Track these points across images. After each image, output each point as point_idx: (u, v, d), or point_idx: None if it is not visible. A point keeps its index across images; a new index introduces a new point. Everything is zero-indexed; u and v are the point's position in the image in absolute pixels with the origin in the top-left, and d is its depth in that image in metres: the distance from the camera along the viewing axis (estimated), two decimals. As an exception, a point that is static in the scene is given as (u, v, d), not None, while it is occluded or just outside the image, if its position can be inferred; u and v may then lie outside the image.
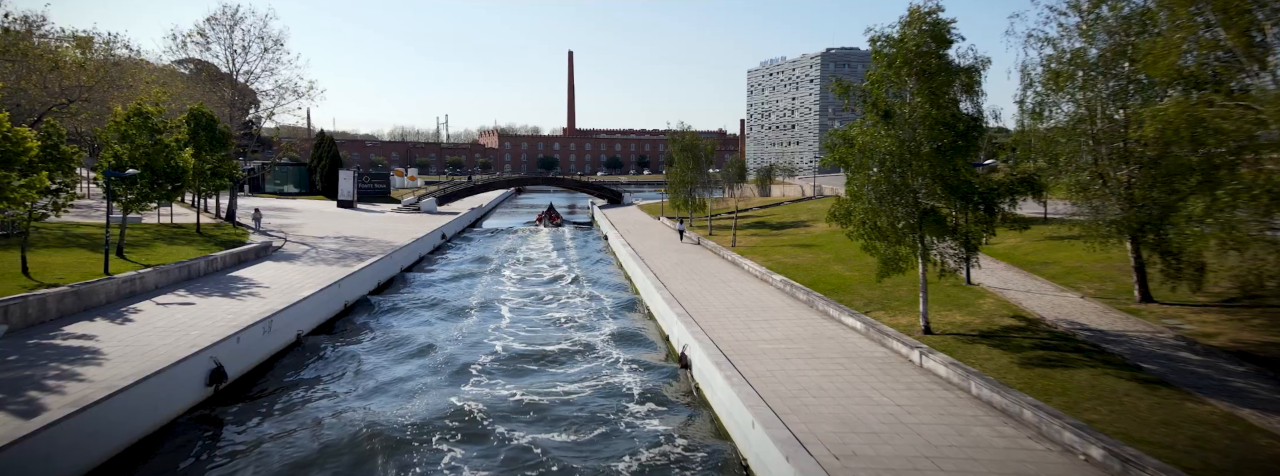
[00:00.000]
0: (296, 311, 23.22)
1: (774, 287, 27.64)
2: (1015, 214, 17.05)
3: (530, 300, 31.97)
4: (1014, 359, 15.82)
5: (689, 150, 54.20)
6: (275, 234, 43.45)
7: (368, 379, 19.88)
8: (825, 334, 19.80)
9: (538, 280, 37.80)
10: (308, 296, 24.58)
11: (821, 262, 31.03)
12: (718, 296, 26.23)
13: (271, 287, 26.49)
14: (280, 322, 21.55)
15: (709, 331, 20.37)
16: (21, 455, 11.29)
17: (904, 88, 18.23)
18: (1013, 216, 16.99)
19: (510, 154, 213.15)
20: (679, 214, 55.26)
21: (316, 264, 33.08)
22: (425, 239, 47.01)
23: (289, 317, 22.48)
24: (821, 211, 51.87)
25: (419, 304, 30.39)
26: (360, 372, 20.41)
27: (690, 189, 54.39)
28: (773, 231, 45.39)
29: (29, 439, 11.53)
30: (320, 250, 37.95)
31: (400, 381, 19.59)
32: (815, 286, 25.64)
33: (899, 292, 22.61)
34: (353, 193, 68.00)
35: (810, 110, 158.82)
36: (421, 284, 35.71)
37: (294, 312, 22.99)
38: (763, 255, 35.21)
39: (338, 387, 19.12)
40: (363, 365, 21.20)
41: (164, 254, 30.97)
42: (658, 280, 29.55)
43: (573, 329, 26.23)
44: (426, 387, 19.01)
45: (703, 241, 43.48)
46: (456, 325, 26.24)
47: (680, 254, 39.49)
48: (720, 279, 30.31)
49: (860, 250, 31.70)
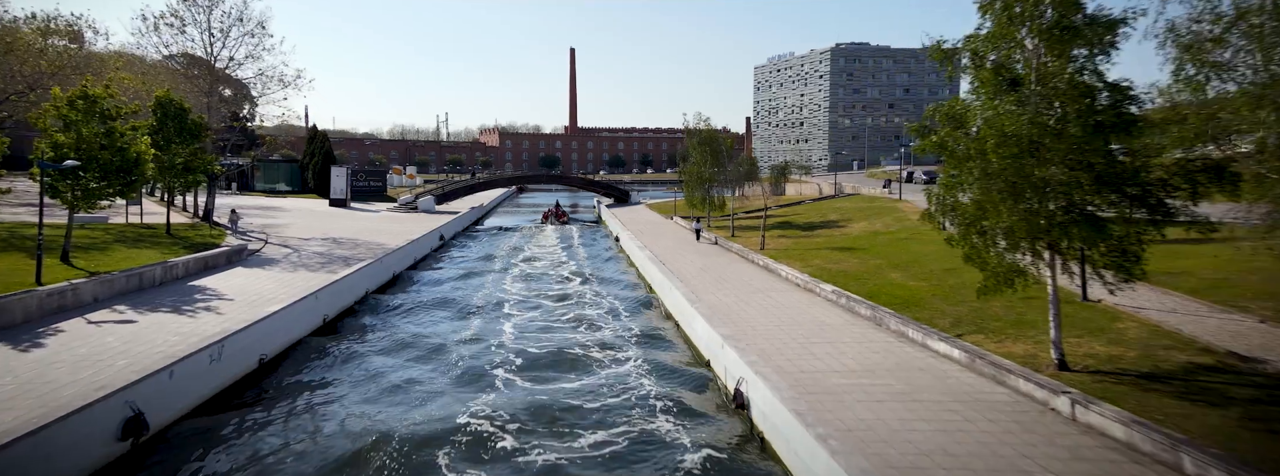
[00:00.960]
0: (261, 330, 19.26)
1: (825, 300, 23.64)
2: (1192, 212, 12.90)
3: (539, 315, 28.01)
4: (1229, 418, 11.36)
5: (707, 144, 50.27)
6: (255, 235, 39.48)
7: (337, 422, 15.90)
8: (913, 364, 15.81)
9: (546, 285, 33.85)
10: (277, 311, 20.60)
11: (873, 269, 27.03)
12: (760, 310, 22.25)
13: (236, 300, 22.50)
14: (236, 346, 17.57)
15: (766, 357, 16.40)
16: None
17: (1024, 50, 14.18)
18: (1190, 217, 12.87)
19: (511, 152, 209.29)
20: (695, 213, 51.26)
21: (296, 270, 29.11)
22: (421, 241, 43.06)
23: (250, 339, 18.52)
24: (852, 210, 48.02)
25: (410, 319, 26.40)
26: (330, 414, 16.40)
27: (708, 187, 50.48)
28: (802, 232, 41.41)
29: None
30: (303, 254, 33.98)
31: (379, 427, 15.59)
32: (875, 298, 21.66)
33: (991, 310, 18.61)
34: (346, 191, 64.03)
35: (820, 107, 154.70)
36: (415, 294, 31.68)
37: (257, 332, 19.03)
38: (799, 259, 31.23)
39: (299, 435, 15.14)
40: (334, 403, 17.22)
41: (119, 259, 27.00)
42: (687, 289, 25.56)
43: (595, 348, 22.27)
44: (417, 438, 15.02)
45: (724, 243, 39.51)
46: (452, 355, 21.62)
47: (703, 257, 35.52)
48: (756, 288, 26.33)
49: (916, 254, 27.80)
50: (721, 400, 17.43)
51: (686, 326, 23.67)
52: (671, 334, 24.46)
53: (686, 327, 23.63)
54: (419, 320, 26.41)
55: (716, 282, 27.51)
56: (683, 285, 26.68)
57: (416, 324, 25.67)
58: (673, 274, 29.42)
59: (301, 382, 18.80)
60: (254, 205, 59.20)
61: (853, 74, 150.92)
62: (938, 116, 15.62)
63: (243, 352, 17.99)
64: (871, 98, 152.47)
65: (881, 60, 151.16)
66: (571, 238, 55.32)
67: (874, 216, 42.43)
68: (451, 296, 30.77)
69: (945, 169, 15.83)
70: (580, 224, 67.90)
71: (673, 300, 26.64)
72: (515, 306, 28.84)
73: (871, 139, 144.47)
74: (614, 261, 43.29)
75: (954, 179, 15.40)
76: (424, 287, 33.28)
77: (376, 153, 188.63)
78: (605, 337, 23.68)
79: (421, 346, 22.40)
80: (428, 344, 22.70)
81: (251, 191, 75.40)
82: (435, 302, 29.39)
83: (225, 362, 16.80)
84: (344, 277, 27.35)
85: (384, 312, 27.52)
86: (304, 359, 20.94)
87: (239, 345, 17.71)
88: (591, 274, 35.49)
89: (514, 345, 22.58)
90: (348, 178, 64.48)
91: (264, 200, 65.99)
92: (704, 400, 17.51)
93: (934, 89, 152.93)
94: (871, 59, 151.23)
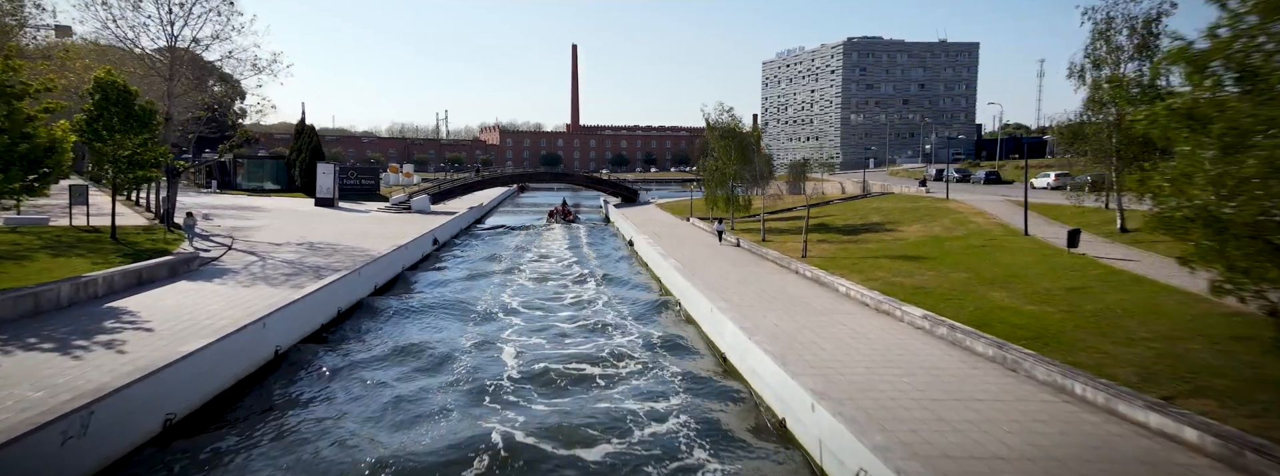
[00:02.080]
0: (174, 376, 14.14)
1: (914, 328, 18.50)
2: None
3: (548, 344, 22.90)
4: None
5: (731, 138, 45.12)
6: (219, 240, 34.37)
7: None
8: (1126, 452, 10.57)
9: (556, 307, 28.74)
10: (200, 348, 15.46)
11: (961, 286, 21.86)
12: (836, 343, 17.14)
13: (158, 329, 17.37)
14: (122, 407, 12.43)
15: (881, 425, 11.30)
16: None
17: None
18: None
19: (512, 151, 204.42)
20: (715, 214, 46.10)
21: (253, 284, 24.01)
22: (412, 246, 37.94)
23: (154, 389, 13.40)
24: (896, 211, 42.83)
25: (388, 349, 21.11)
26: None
27: (731, 185, 45.35)
28: (845, 237, 36.24)
29: None
30: (269, 263, 28.86)
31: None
32: (988, 329, 16.55)
33: (1194, 355, 13.40)
34: (333, 190, 58.88)
35: (831, 103, 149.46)
36: (397, 313, 26.45)
37: (168, 379, 13.92)
38: (855, 271, 26.11)
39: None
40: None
41: (35, 271, 21.93)
42: (735, 312, 20.43)
43: (630, 399, 17.16)
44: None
45: (755, 247, 34.39)
46: (437, 416, 15.88)
47: (736, 266, 30.41)
48: (817, 308, 21.21)
49: (1010, 267, 22.63)
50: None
51: (739, 361, 18.52)
52: (712, 364, 19.34)
53: (740, 363, 18.47)
54: (401, 355, 21.24)
55: (764, 300, 22.38)
56: (726, 304, 21.54)
57: (397, 360, 20.49)
58: (709, 288, 24.30)
59: (227, 447, 13.68)
60: (231, 205, 54.15)
61: (866, 69, 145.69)
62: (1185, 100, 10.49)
63: (137, 412, 12.83)
64: (885, 94, 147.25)
65: (896, 54, 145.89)
66: (579, 240, 50.16)
67: (927, 219, 37.28)
68: (441, 320, 25.60)
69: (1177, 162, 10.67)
70: (587, 225, 62.91)
71: (714, 324, 21.49)
72: (518, 334, 23.71)
73: (885, 136, 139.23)
74: (625, 262, 38.19)
75: (1183, 173, 10.24)
76: (410, 304, 28.17)
77: (374, 151, 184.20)
78: (644, 389, 18.53)
79: (401, 397, 17.18)
80: (408, 393, 17.46)
81: (235, 190, 70.35)
82: (421, 327, 24.21)
83: (96, 437, 11.63)
84: (309, 294, 22.22)
85: (357, 341, 22.37)
86: (240, 414, 15.79)
87: (129, 404, 12.56)
88: (612, 296, 29.39)
89: (516, 398, 17.44)
90: (335, 175, 59.30)
91: (245, 199, 60.95)
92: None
93: (950, 84, 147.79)
94: (885, 53, 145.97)
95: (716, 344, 20.96)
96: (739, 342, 18.50)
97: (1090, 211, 30.36)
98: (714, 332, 21.49)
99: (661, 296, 29.46)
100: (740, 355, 18.37)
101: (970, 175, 68.96)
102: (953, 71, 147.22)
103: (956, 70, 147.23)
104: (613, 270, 36.13)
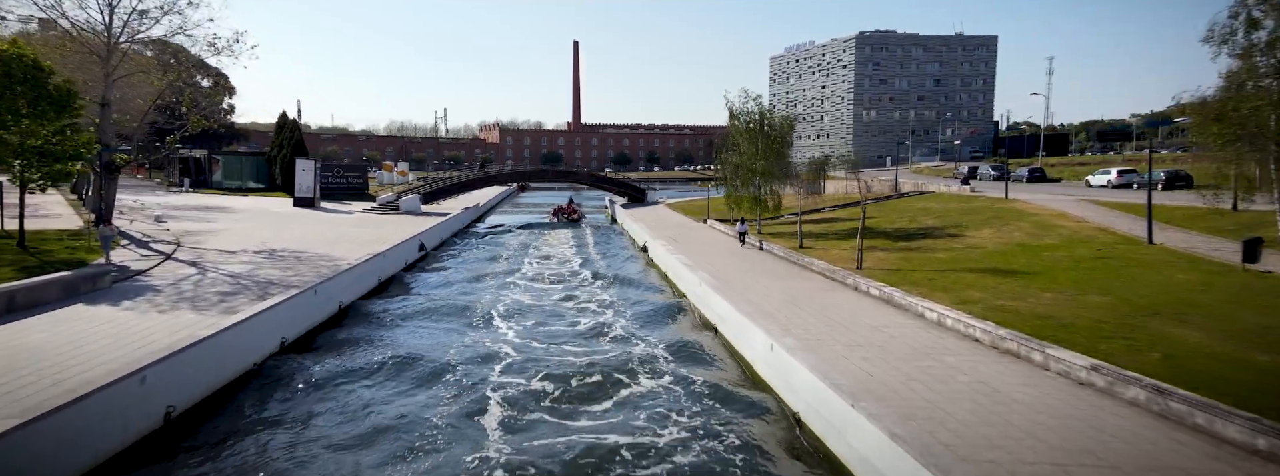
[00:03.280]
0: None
1: (1074, 383, 13.02)
2: None
3: (554, 389, 17.47)
4: None
5: (758, 129, 39.64)
6: (157, 248, 28.95)
7: None
8: None
9: (559, 319, 23.31)
10: (21, 426, 10.05)
11: (1111, 315, 16.27)
12: (967, 405, 11.72)
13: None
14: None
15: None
16: None
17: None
18: None
19: (512, 149, 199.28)
20: (740, 215, 40.67)
21: (174, 308, 18.59)
22: (393, 253, 32.50)
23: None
24: (951, 213, 37.15)
25: (339, 417, 15.58)
26: None
27: (759, 184, 39.88)
28: (898, 243, 30.75)
29: None
30: (208, 277, 23.42)
31: None
32: (1204, 390, 11.12)
33: None
34: (313, 188, 53.42)
35: (843, 99, 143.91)
36: (362, 346, 20.87)
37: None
38: (938, 288, 20.67)
39: None
40: None
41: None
42: (807, 352, 14.98)
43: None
44: None
45: (794, 256, 28.95)
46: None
47: (778, 279, 24.99)
48: (908, 344, 15.75)
49: (1164, 287, 17.19)
50: None
51: (828, 430, 13.03)
52: (783, 432, 13.90)
53: (832, 436, 12.98)
54: (366, 403, 15.80)
55: (833, 330, 16.91)
56: (794, 342, 16.09)
57: (351, 420, 15.04)
58: (758, 312, 18.85)
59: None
60: (198, 206, 48.79)
61: (879, 64, 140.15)
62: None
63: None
64: (899, 89, 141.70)
65: (911, 48, 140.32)
66: (587, 245, 44.65)
67: (997, 222, 31.79)
68: (419, 350, 20.14)
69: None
70: (593, 227, 57.63)
71: (777, 369, 16.00)
72: (515, 375, 18.26)
73: (899, 133, 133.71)
74: (640, 269, 32.77)
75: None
76: (379, 329, 22.70)
77: (371, 149, 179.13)
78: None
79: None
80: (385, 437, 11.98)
81: (211, 189, 64.91)
82: (391, 366, 18.66)
83: None
84: (238, 324, 16.79)
85: (298, 388, 16.87)
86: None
87: None
88: (635, 331, 22.26)
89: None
90: (316, 172, 53.82)
91: (219, 199, 55.59)
92: None
93: (968, 79, 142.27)
94: (899, 47, 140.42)
95: (783, 398, 15.46)
96: (825, 403, 13.02)
97: (1212, 214, 24.95)
98: (778, 381, 15.97)
99: (689, 316, 24.01)
100: (829, 422, 12.89)
101: (1009, 172, 63.39)
102: (970, 66, 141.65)
103: (974, 64, 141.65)
104: (633, 297, 29.76)
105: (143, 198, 46.82)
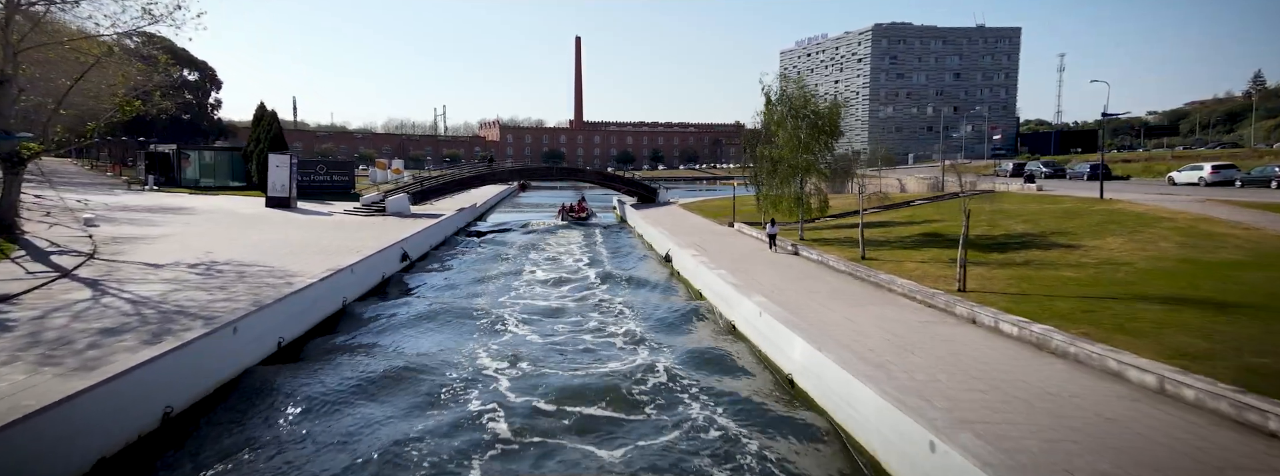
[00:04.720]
0: None
1: None
2: None
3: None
4: None
5: (798, 116, 33.58)
6: (63, 258, 22.93)
7: None
8: None
9: (569, 313, 17.27)
10: None
11: None
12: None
13: None
14: None
15: None
16: None
17: None
18: None
19: (512, 147, 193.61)
20: (768, 217, 34.61)
21: (17, 359, 12.60)
22: (365, 267, 26.49)
23: None
24: (1044, 217, 30.15)
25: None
26: None
27: (800, 181, 33.88)
28: (991, 255, 24.65)
29: None
30: (101, 305, 17.38)
31: None
32: None
33: None
34: (288, 187, 47.33)
35: (858, 94, 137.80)
36: (298, 410, 14.81)
37: None
38: (1104, 324, 14.68)
39: None
40: None
41: None
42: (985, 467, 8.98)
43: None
44: None
45: (861, 270, 22.93)
46: None
47: (854, 306, 18.99)
48: (1163, 443, 9.75)
49: None
50: None
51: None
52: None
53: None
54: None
55: (989, 398, 10.85)
56: (966, 436, 10.07)
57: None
58: (865, 363, 12.84)
59: None
60: (153, 206, 42.86)
61: (897, 57, 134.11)
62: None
63: None
64: (917, 84, 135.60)
65: (929, 41, 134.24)
66: (601, 257, 38.52)
67: (1114, 228, 25.73)
68: (374, 419, 14.09)
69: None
70: (601, 228, 51.92)
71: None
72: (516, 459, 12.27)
73: (916, 129, 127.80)
74: (667, 289, 26.73)
75: None
76: (324, 387, 16.58)
77: (368, 147, 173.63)
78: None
79: None
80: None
81: (180, 187, 58.89)
82: (355, 401, 12.60)
83: None
84: (83, 393, 10.77)
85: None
86: None
87: None
88: (685, 395, 15.92)
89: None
90: (291, 169, 47.69)
91: (185, 199, 49.57)
92: None
93: (989, 73, 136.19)
94: (918, 40, 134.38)
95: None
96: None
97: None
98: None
99: (743, 352, 17.99)
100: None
101: (1066, 170, 57.47)
102: (991, 59, 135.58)
103: (996, 58, 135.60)
104: (664, 330, 23.81)
105: (90, 197, 40.74)
